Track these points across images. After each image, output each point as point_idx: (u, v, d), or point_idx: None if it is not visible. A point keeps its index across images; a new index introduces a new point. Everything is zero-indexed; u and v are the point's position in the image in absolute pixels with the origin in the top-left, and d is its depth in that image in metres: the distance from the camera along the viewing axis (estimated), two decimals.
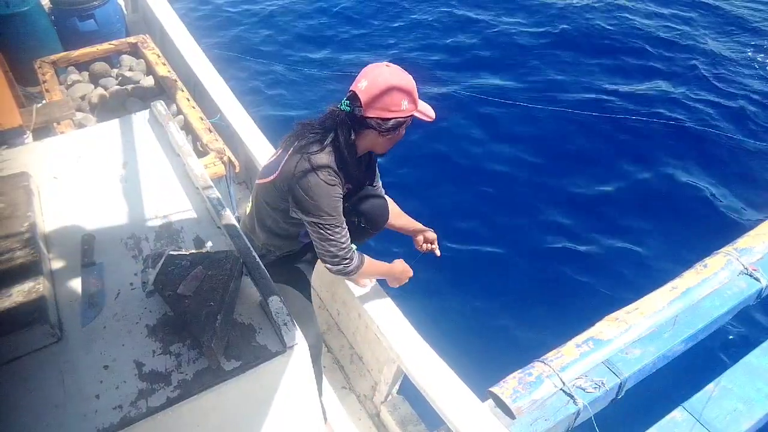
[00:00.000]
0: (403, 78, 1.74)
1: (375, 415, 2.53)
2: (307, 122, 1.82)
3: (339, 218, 1.77)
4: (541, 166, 4.86)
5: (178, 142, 1.99)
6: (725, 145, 5.08)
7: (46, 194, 1.81)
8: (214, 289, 1.38)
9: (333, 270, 1.83)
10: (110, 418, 1.22)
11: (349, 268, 1.82)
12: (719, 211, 4.40)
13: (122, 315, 1.44)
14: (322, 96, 5.66)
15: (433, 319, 3.14)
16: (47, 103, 3.20)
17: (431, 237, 2.24)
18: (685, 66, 6.11)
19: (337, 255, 1.78)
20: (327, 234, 1.75)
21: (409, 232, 2.26)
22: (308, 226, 1.78)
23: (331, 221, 1.74)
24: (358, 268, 1.86)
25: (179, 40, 3.94)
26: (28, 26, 3.97)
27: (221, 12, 7.29)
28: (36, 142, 2.13)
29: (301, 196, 1.72)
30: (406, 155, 4.71)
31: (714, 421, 2.33)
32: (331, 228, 1.75)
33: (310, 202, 1.71)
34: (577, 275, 3.91)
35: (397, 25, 6.87)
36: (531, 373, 2.30)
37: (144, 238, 1.68)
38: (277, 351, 1.38)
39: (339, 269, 1.81)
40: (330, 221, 1.74)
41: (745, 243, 2.91)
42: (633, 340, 2.46)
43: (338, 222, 1.77)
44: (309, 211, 1.73)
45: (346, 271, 1.83)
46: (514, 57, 6.23)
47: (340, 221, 1.78)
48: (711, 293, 2.67)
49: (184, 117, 3.29)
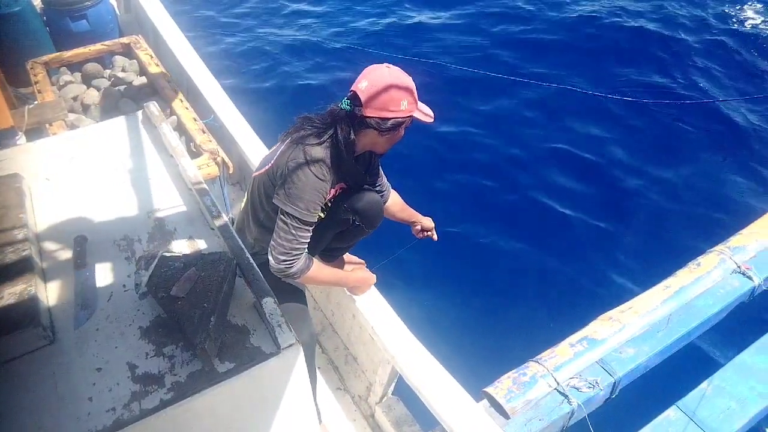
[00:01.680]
0: (403, 79, 1.74)
1: (370, 415, 2.52)
2: (308, 116, 1.82)
3: (312, 218, 1.74)
4: (530, 160, 4.88)
5: (171, 143, 1.99)
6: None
7: (39, 195, 1.80)
8: (208, 291, 1.38)
9: (274, 267, 1.75)
10: (103, 421, 1.21)
11: (291, 269, 1.75)
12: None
13: (115, 317, 1.44)
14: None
15: (428, 320, 3.14)
16: (39, 103, 3.18)
17: (428, 225, 2.35)
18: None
19: (286, 252, 1.72)
20: (291, 227, 1.70)
21: (408, 222, 2.35)
22: (279, 214, 1.73)
23: (304, 217, 1.71)
24: (302, 272, 1.78)
25: (172, 40, 3.92)
26: (19, 27, 3.94)
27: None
28: (28, 143, 2.12)
29: (287, 182, 1.70)
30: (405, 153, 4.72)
31: (707, 419, 2.34)
32: (299, 224, 1.71)
33: (293, 190, 1.69)
34: (571, 275, 3.93)
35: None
36: (525, 373, 2.30)
37: (137, 239, 1.68)
38: (271, 352, 1.38)
39: (280, 268, 1.74)
40: (303, 216, 1.70)
41: (738, 241, 2.92)
42: (627, 340, 2.47)
43: (309, 222, 1.73)
44: (288, 198, 1.70)
45: (287, 272, 1.75)
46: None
47: (311, 223, 1.74)
48: (704, 292, 2.68)
49: (178, 118, 3.27)
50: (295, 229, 1.72)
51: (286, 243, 1.72)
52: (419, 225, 2.34)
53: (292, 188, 1.70)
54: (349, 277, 2.14)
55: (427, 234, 2.36)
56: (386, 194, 2.20)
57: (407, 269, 3.63)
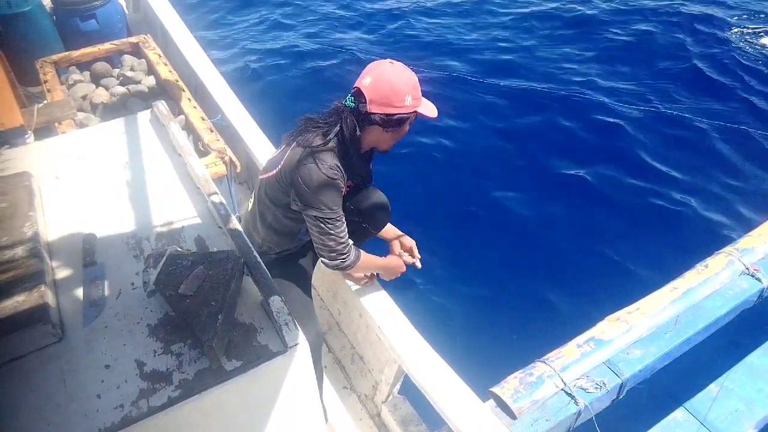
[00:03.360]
0: (407, 75, 1.75)
1: (376, 415, 2.52)
2: (311, 117, 1.83)
3: (339, 212, 1.77)
4: (544, 158, 4.87)
5: (179, 142, 2.00)
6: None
7: (48, 194, 1.81)
8: (215, 289, 1.38)
9: (330, 265, 1.83)
10: (111, 418, 1.22)
11: (346, 263, 1.83)
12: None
13: (123, 315, 1.45)
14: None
15: (435, 319, 3.14)
16: (48, 103, 3.21)
17: (408, 244, 2.24)
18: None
19: (335, 250, 1.78)
20: (327, 228, 1.75)
21: (387, 238, 2.27)
22: (308, 219, 1.78)
23: (330, 215, 1.74)
24: (355, 263, 1.87)
25: (180, 39, 3.94)
26: (29, 26, 3.97)
27: None
28: (37, 142, 2.13)
29: (303, 189, 1.72)
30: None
31: (715, 421, 2.33)
32: (331, 222, 1.75)
33: (311, 194, 1.72)
34: (578, 275, 3.91)
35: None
36: (532, 374, 2.30)
37: (145, 237, 1.68)
38: (278, 351, 1.38)
39: (336, 264, 1.82)
40: (330, 215, 1.74)
41: (747, 243, 2.90)
42: (634, 341, 2.46)
43: (338, 216, 1.77)
44: (310, 203, 1.73)
45: (342, 266, 1.83)
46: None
47: (340, 216, 1.78)
48: (712, 293, 2.67)
49: (186, 117, 3.29)
50: (329, 228, 1.76)
51: (330, 243, 1.77)
52: (397, 242, 2.24)
53: (310, 195, 1.72)
54: (390, 262, 2.17)
55: (412, 260, 2.23)
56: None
57: (412, 269, 3.62)
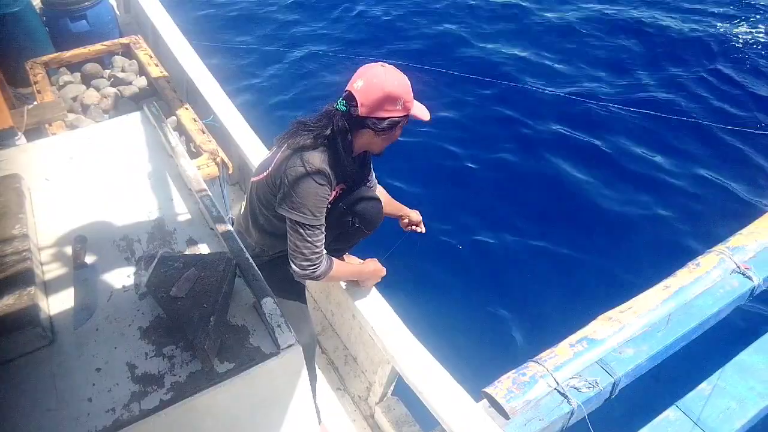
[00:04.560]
0: (399, 78, 1.74)
1: (370, 416, 2.52)
2: (302, 120, 1.82)
3: (320, 220, 1.77)
4: (535, 166, 4.88)
5: (171, 143, 1.99)
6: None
7: (38, 196, 1.80)
8: (207, 291, 1.38)
9: (299, 273, 1.80)
10: (103, 421, 1.21)
11: (316, 273, 1.80)
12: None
13: (115, 317, 1.44)
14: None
15: (428, 320, 3.13)
16: (39, 104, 3.18)
17: (415, 218, 2.35)
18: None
19: (308, 258, 1.77)
20: (305, 234, 1.74)
21: (396, 216, 2.36)
22: (288, 223, 1.77)
23: (312, 222, 1.74)
24: (325, 273, 1.84)
25: (172, 40, 3.92)
26: (19, 27, 3.93)
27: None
28: (28, 144, 2.12)
29: (289, 192, 1.72)
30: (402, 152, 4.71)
31: (707, 419, 2.34)
32: (311, 229, 1.74)
33: (296, 198, 1.71)
34: (570, 275, 3.92)
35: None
36: (525, 373, 2.30)
37: (136, 239, 1.68)
38: (270, 353, 1.38)
39: (305, 274, 1.79)
40: (312, 221, 1.74)
41: (738, 241, 2.92)
42: (626, 340, 2.47)
43: (319, 224, 1.76)
44: (293, 207, 1.72)
45: (311, 276, 1.81)
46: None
47: (321, 224, 1.78)
48: (704, 292, 2.68)
49: (177, 118, 3.27)
50: (308, 235, 1.74)
51: (305, 250, 1.76)
52: (406, 218, 2.36)
53: (294, 198, 1.72)
54: (364, 269, 2.17)
55: (414, 228, 2.38)
56: (373, 189, 2.20)
57: (406, 269, 3.62)
